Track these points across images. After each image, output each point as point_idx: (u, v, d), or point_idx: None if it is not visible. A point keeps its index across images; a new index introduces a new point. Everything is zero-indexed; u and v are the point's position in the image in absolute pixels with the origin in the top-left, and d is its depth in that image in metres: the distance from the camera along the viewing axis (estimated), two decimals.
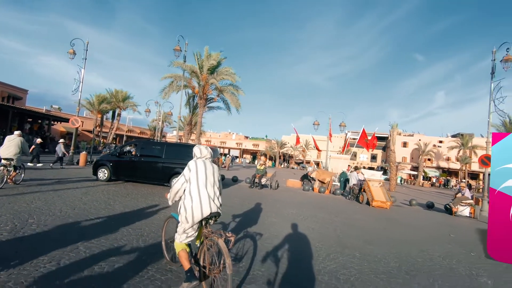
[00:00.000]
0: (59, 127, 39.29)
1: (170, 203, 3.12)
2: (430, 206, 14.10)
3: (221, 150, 64.77)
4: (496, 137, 5.85)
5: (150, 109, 30.60)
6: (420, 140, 55.41)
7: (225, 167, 32.53)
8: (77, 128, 17.58)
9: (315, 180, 16.44)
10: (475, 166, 50.14)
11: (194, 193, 2.86)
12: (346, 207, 11.13)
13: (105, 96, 41.13)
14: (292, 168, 60.07)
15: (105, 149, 32.41)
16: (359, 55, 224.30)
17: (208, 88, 21.57)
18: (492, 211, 5.78)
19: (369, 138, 23.93)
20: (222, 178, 15.20)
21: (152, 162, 10.58)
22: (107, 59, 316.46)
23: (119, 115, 44.16)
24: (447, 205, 12.89)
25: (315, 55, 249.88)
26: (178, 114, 18.96)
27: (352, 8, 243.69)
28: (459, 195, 12.49)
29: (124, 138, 48.48)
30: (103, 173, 10.67)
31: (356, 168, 14.95)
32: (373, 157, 66.99)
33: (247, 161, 60.02)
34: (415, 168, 53.64)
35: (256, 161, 61.80)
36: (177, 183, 3.02)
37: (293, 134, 54.83)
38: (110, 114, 46.64)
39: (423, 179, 49.19)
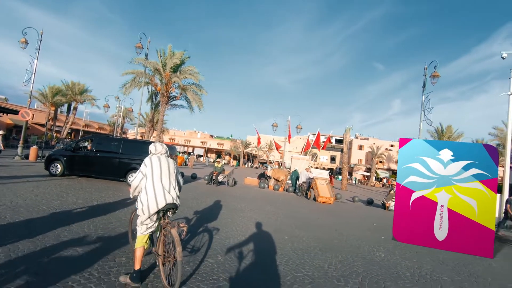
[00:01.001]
0: (5, 119, 36.26)
1: (131, 196, 3.37)
2: (369, 202, 15.85)
3: (185, 149, 64.06)
4: (402, 142, 7.19)
5: (109, 104, 29.65)
6: (374, 143, 59.79)
7: (188, 165, 32.72)
8: (27, 121, 16.79)
9: (271, 178, 17.50)
10: None
11: (149, 187, 3.10)
12: (293, 202, 12.25)
13: (60, 88, 38.84)
14: (256, 167, 61.33)
15: (58, 144, 30.75)
16: (324, 60, 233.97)
17: (171, 86, 21.71)
18: (397, 202, 7.10)
19: (325, 140, 25.77)
20: (182, 175, 15.62)
21: (109, 158, 10.75)
22: (64, 47, 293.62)
23: (75, 108, 41.88)
24: (382, 201, 14.66)
25: (283, 58, 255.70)
26: (138, 111, 18.88)
27: (319, 15, 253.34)
28: (392, 192, 14.28)
29: (81, 133, 45.98)
30: (55, 168, 10.60)
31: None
32: (333, 159, 70.74)
33: (211, 159, 60.09)
34: (368, 170, 57.84)
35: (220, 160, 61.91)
36: (136, 179, 3.21)
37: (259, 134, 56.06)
38: (65, 107, 44.05)
39: (375, 180, 53.22)
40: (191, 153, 59.52)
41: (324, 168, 66.18)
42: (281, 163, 49.26)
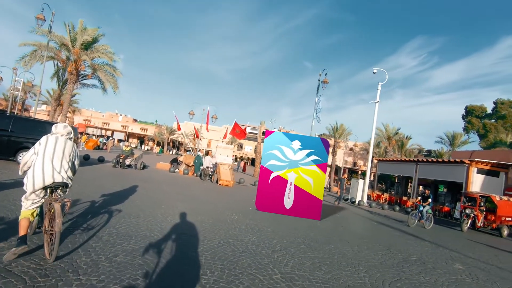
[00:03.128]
0: None
1: (20, 173, 3.40)
2: None
3: (103, 132, 59.25)
4: (267, 133, 9.19)
5: (4, 76, 25.84)
6: None
7: (106, 149, 31.34)
8: None
9: (182, 163, 18.52)
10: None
11: (38, 165, 3.16)
12: (194, 184, 13.62)
13: None
14: (181, 155, 60.89)
15: None
16: (259, 54, 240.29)
17: (80, 64, 20.44)
18: (260, 180, 9.11)
19: (241, 129, 27.84)
20: (87, 157, 15.41)
21: None
22: None
23: None
24: None
25: (218, 45, 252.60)
26: (38, 88, 17.42)
27: (257, 7, 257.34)
28: None
29: None
30: None
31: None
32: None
33: (133, 145, 57.13)
34: None
35: (143, 146, 59.50)
36: (27, 155, 3.29)
37: (186, 122, 55.51)
38: None
39: None
40: (110, 137, 55.42)
41: (248, 158, 69.91)
42: (209, 152, 50.29)
